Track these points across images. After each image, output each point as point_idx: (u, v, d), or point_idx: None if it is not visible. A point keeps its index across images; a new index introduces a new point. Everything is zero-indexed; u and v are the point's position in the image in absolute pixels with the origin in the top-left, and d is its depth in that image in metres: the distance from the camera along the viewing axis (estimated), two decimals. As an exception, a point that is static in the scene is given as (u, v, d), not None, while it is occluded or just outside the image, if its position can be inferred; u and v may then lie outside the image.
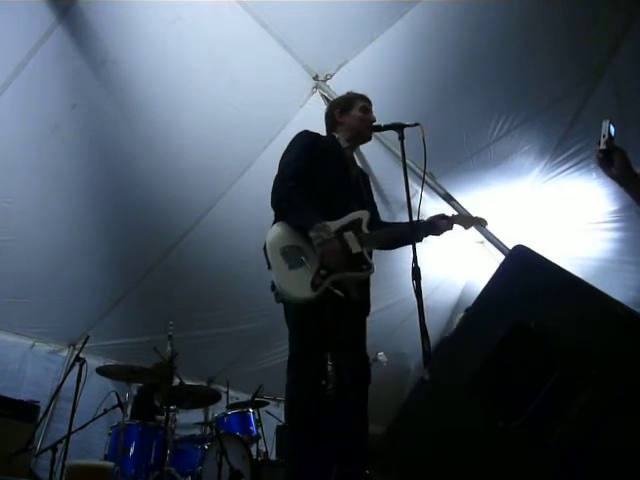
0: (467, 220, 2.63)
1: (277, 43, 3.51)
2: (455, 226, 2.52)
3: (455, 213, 2.66)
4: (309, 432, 2.05)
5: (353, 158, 2.64)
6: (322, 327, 2.15)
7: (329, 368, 2.23)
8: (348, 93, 2.68)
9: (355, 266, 2.24)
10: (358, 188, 2.54)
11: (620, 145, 1.64)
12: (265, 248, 2.26)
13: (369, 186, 2.69)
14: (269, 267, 2.23)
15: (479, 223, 2.63)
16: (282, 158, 2.44)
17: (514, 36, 3.51)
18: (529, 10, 3.37)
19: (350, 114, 2.56)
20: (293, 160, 2.37)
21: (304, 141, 2.46)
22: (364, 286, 2.35)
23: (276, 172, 2.39)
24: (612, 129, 1.65)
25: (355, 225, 2.31)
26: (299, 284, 2.14)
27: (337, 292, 2.16)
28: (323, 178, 2.36)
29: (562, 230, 4.73)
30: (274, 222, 2.36)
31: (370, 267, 2.25)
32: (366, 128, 2.55)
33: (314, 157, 2.38)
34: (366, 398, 2.24)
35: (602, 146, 1.63)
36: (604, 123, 1.64)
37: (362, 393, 2.23)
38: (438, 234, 2.49)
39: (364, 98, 2.60)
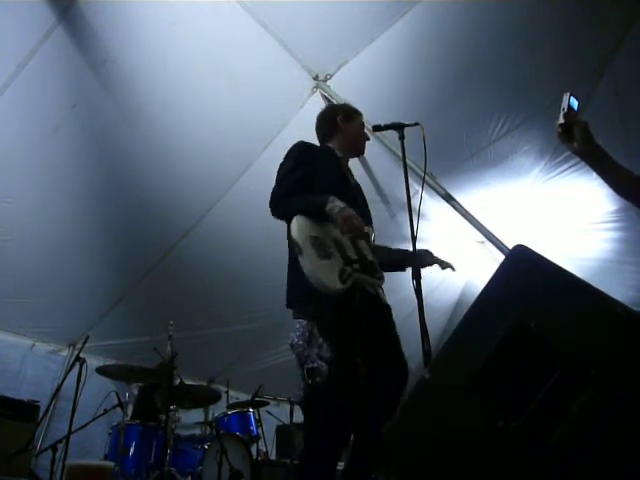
0: (443, 262, 2.61)
1: (277, 43, 3.51)
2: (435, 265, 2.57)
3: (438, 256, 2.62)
4: (334, 435, 2.02)
5: (349, 168, 2.61)
6: (357, 326, 2.09)
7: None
8: (346, 104, 2.70)
9: (371, 272, 2.25)
10: (360, 198, 2.52)
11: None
12: (291, 236, 2.15)
13: (364, 197, 2.64)
14: (300, 253, 2.09)
15: (450, 267, 2.62)
16: (278, 170, 2.38)
17: (514, 36, 3.51)
18: (529, 10, 3.37)
19: (352, 124, 2.55)
20: (288, 172, 2.32)
21: (299, 152, 2.40)
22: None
23: (275, 174, 2.35)
24: (574, 102, 1.56)
25: (365, 237, 2.31)
26: (330, 274, 2.07)
27: (368, 288, 2.15)
28: (324, 188, 2.29)
29: (562, 230, 4.73)
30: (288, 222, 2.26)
31: (383, 277, 2.27)
32: (363, 143, 2.58)
33: (312, 168, 2.33)
34: (399, 400, 2.19)
35: (561, 120, 1.54)
36: (564, 96, 1.56)
37: (399, 394, 2.19)
38: (422, 267, 2.47)
39: (362, 115, 2.63)
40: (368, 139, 2.58)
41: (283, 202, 2.24)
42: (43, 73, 3.32)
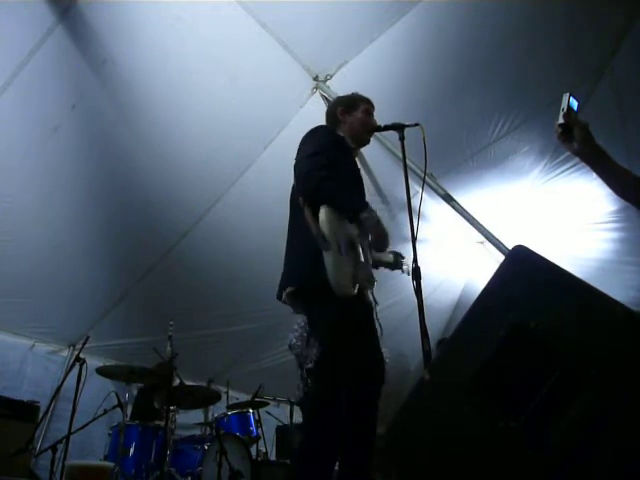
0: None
1: (277, 43, 3.51)
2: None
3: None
4: (328, 434, 2.02)
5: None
6: (355, 326, 2.11)
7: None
8: (353, 94, 2.62)
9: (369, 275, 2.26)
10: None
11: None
12: (319, 228, 2.09)
13: None
14: (326, 249, 2.05)
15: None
16: (304, 147, 2.32)
17: (514, 36, 3.51)
18: (529, 10, 3.37)
19: (353, 114, 2.51)
20: (321, 151, 2.24)
21: (329, 136, 2.39)
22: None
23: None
24: (573, 102, 1.55)
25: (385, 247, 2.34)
26: (347, 276, 2.07)
27: (368, 293, 2.18)
28: (344, 176, 2.29)
29: (562, 230, 4.74)
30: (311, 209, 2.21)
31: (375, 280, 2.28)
32: (366, 132, 2.52)
33: (334, 154, 2.30)
34: (379, 399, 2.23)
35: (560, 120, 1.53)
36: (564, 96, 1.54)
37: (377, 394, 2.23)
38: (391, 269, 2.58)
39: (369, 101, 2.56)
40: (372, 126, 2.50)
41: (321, 186, 2.15)
42: (43, 73, 3.32)
